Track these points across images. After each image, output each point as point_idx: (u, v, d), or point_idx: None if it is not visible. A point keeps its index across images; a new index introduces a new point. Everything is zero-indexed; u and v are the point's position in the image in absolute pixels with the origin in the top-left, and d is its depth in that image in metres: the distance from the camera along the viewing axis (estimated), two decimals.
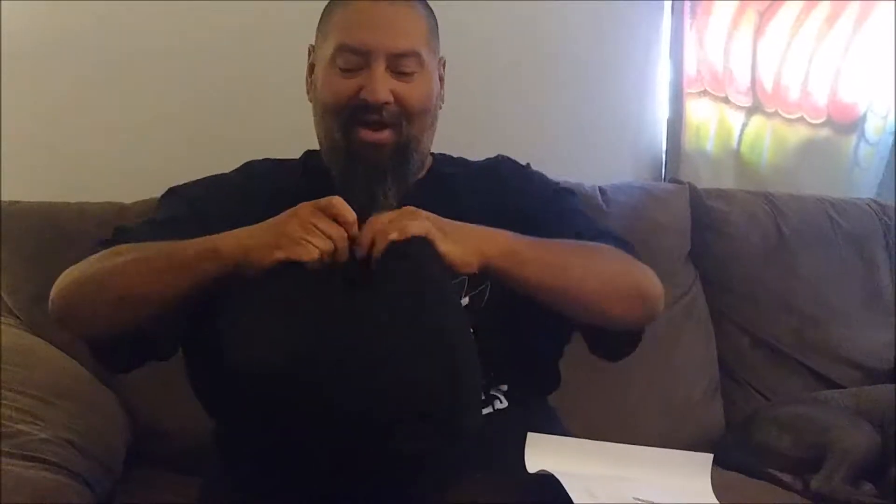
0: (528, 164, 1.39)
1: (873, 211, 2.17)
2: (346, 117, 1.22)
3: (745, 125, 2.27)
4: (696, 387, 1.93)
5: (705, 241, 2.01)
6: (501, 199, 1.28)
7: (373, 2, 1.22)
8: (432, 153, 1.34)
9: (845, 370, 2.01)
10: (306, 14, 1.31)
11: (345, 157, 1.23)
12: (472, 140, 1.50)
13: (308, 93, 1.30)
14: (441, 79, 1.30)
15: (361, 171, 1.22)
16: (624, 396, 1.84)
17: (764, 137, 2.29)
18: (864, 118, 2.36)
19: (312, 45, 1.30)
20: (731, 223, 2.02)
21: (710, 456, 1.08)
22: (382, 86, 1.19)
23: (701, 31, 2.20)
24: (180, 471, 1.49)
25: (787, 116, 2.29)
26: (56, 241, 1.61)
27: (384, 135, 1.22)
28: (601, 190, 1.94)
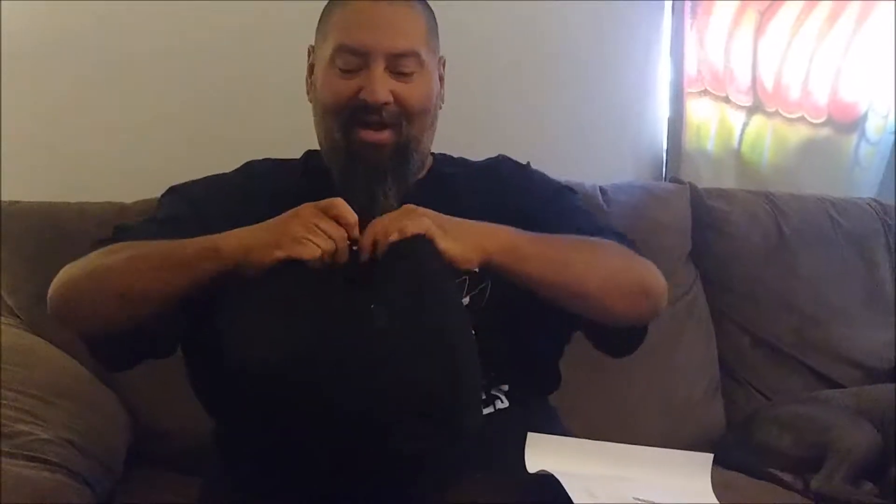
0: (528, 164, 1.39)
1: (874, 210, 2.17)
2: (345, 118, 1.22)
3: (745, 125, 2.27)
4: (697, 386, 1.93)
5: (706, 240, 2.01)
6: (502, 198, 1.28)
7: (372, 2, 1.22)
8: (432, 153, 1.34)
9: (846, 370, 2.01)
10: (306, 14, 1.31)
11: (345, 157, 1.23)
12: (472, 140, 1.49)
13: (308, 93, 1.30)
14: (441, 78, 1.30)
15: (361, 172, 1.22)
16: (624, 396, 1.84)
17: (765, 137, 2.29)
18: (864, 117, 2.36)
19: (312, 46, 1.29)
20: (732, 223, 2.02)
21: (711, 456, 1.08)
22: (382, 86, 1.19)
23: (701, 31, 2.20)
24: (180, 471, 1.49)
25: (787, 116, 2.29)
26: (56, 241, 1.60)
27: (384, 135, 1.22)
28: (602, 189, 1.93)
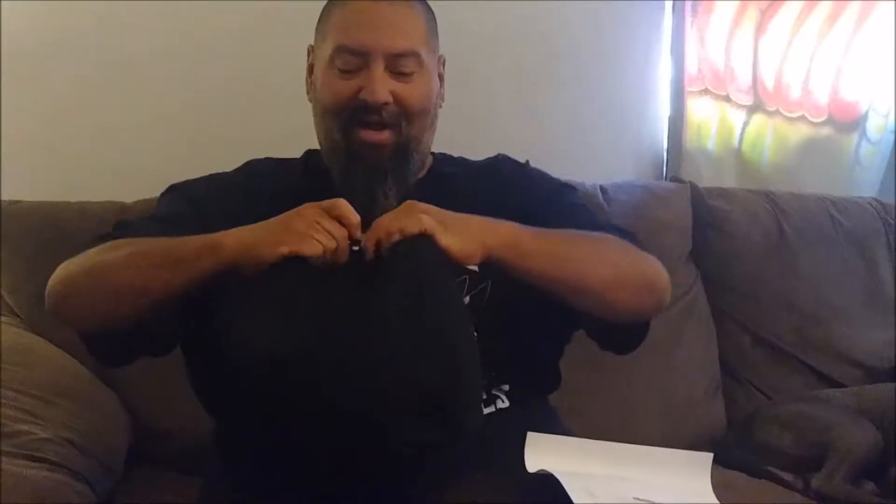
0: (527, 162, 1.38)
1: (874, 210, 2.17)
2: (345, 118, 1.22)
3: (746, 124, 2.27)
4: (698, 386, 1.92)
5: (706, 239, 2.01)
6: (502, 198, 1.27)
7: (371, 2, 1.22)
8: (432, 153, 1.34)
9: (846, 369, 2.01)
10: (306, 14, 1.31)
11: (345, 157, 1.23)
12: (472, 140, 1.50)
13: (308, 93, 1.30)
14: (441, 78, 1.30)
15: (361, 172, 1.22)
16: (624, 396, 1.84)
17: (765, 136, 2.29)
18: (865, 117, 2.36)
19: (312, 46, 1.29)
20: (733, 222, 2.02)
21: (711, 455, 1.07)
22: (381, 86, 1.19)
23: (702, 30, 2.19)
24: (180, 471, 1.50)
25: (788, 115, 2.29)
26: (56, 241, 1.59)
27: (384, 135, 1.22)
28: (602, 189, 1.93)
